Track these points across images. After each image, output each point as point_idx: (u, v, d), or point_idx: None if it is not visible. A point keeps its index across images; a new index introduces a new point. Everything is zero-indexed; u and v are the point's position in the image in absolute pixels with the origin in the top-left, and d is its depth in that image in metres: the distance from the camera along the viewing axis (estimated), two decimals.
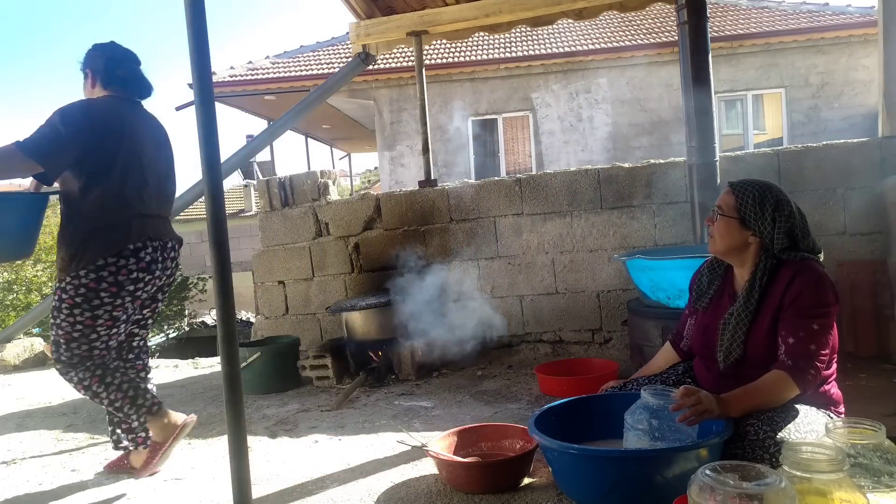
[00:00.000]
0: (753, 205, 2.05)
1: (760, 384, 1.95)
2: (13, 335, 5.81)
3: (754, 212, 2.05)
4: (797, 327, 1.94)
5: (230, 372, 1.82)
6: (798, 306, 1.95)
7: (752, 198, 2.05)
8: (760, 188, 2.07)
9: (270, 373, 4.15)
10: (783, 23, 10.63)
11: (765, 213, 2.04)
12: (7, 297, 8.75)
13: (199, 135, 1.82)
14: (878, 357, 3.63)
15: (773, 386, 1.92)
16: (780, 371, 1.93)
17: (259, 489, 2.44)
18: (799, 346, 1.92)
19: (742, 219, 2.06)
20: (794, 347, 1.93)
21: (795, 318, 1.95)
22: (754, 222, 2.05)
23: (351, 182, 21.04)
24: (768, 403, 1.93)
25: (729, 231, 2.08)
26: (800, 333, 1.93)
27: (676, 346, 2.45)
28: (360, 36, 5.25)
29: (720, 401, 1.90)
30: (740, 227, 2.07)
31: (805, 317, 1.94)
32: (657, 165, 4.36)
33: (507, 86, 10.88)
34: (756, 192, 2.06)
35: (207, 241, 1.87)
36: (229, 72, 11.67)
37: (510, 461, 2.34)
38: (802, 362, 1.91)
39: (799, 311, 1.95)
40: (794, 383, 1.89)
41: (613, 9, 4.93)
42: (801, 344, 1.92)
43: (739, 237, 2.07)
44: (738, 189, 2.09)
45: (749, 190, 2.07)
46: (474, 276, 4.68)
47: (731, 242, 2.09)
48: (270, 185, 5.04)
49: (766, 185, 2.10)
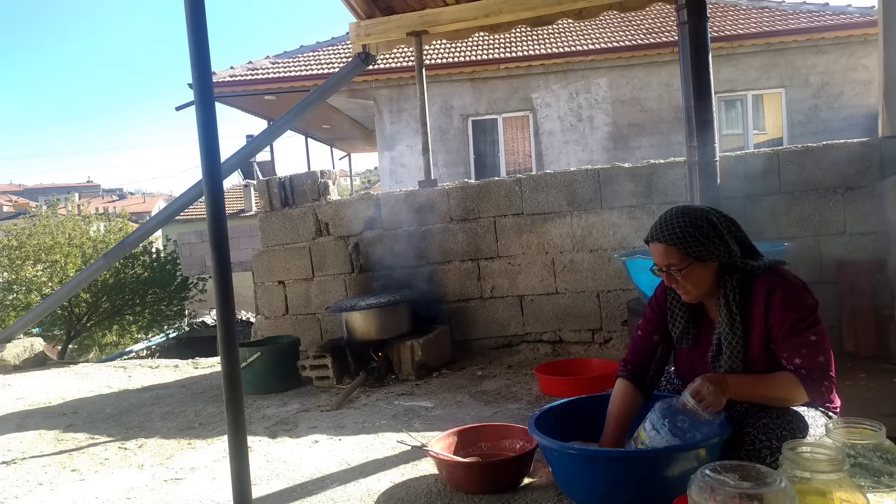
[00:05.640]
0: (694, 239, 1.94)
1: (771, 377, 1.92)
2: (13, 335, 5.80)
3: (700, 243, 1.94)
4: (797, 346, 1.90)
5: (230, 372, 1.82)
6: (788, 326, 1.90)
7: (687, 234, 1.94)
8: (685, 220, 1.97)
9: (270, 373, 4.15)
10: (783, 23, 10.61)
11: (708, 237, 1.95)
12: (7, 297, 8.75)
13: (199, 135, 1.82)
14: (878, 357, 3.63)
15: (783, 385, 1.89)
16: (792, 376, 1.89)
17: (259, 489, 2.45)
18: (808, 361, 1.88)
19: (696, 258, 1.95)
20: (805, 363, 1.89)
21: (791, 339, 1.90)
22: (707, 251, 1.95)
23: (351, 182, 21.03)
24: (771, 399, 1.91)
25: (697, 276, 1.98)
26: (803, 351, 1.89)
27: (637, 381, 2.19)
28: (360, 36, 5.24)
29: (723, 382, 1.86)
30: (702, 266, 1.97)
31: (799, 333, 1.89)
32: (657, 165, 4.36)
33: (507, 86, 10.87)
34: (687, 227, 1.95)
35: (207, 241, 1.87)
36: (229, 72, 11.66)
37: (510, 461, 2.34)
38: (817, 374, 1.87)
39: (791, 330, 1.90)
40: (804, 391, 1.86)
41: (613, 9, 4.93)
42: (810, 359, 1.88)
43: (708, 273, 1.99)
44: (670, 238, 1.96)
45: (678, 231, 1.95)
46: (474, 275, 4.68)
47: (707, 282, 2.00)
48: (270, 185, 5.04)
49: (684, 212, 2.00)
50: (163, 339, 10.64)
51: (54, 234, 9.33)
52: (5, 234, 9.78)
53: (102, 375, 5.17)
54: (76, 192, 46.50)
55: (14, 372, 5.41)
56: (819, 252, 4.04)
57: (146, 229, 5.91)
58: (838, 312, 3.85)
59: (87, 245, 9.57)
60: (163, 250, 10.21)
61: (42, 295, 8.31)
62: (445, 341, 4.50)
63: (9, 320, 8.06)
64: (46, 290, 8.49)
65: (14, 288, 8.80)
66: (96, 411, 4.00)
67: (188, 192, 5.33)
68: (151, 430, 3.48)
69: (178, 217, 8.95)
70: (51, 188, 51.67)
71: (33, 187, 58.75)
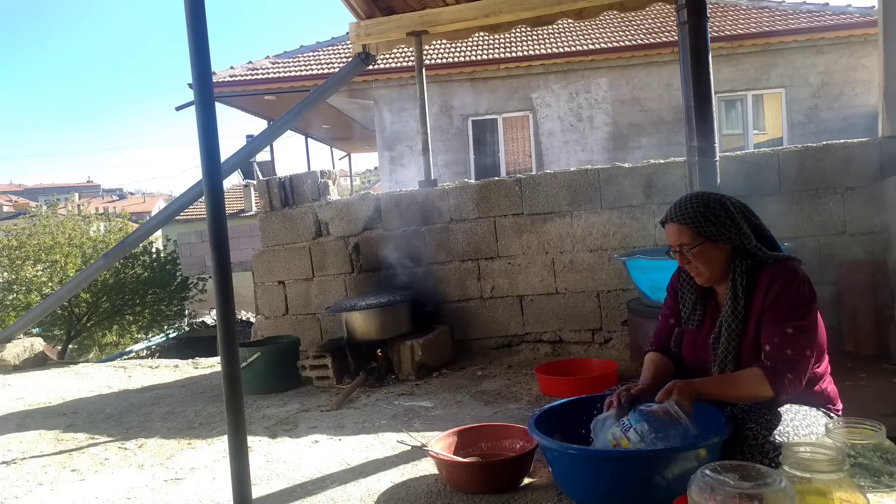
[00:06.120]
0: (705, 219, 2.00)
1: (736, 375, 1.97)
2: (13, 335, 5.80)
3: (711, 223, 2.00)
4: (771, 334, 1.93)
5: (230, 372, 1.82)
6: (774, 311, 1.94)
7: (699, 214, 2.01)
8: (697, 202, 2.03)
9: (270, 373, 4.15)
10: (783, 23, 10.62)
11: (720, 218, 2.00)
12: (7, 297, 8.76)
13: (199, 135, 1.82)
14: (878, 357, 3.63)
15: (745, 380, 1.92)
16: (756, 368, 1.92)
17: (259, 489, 2.45)
18: (775, 350, 1.91)
19: (708, 237, 2.01)
20: (772, 353, 1.91)
21: (772, 324, 1.94)
22: (718, 231, 2.00)
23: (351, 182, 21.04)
24: (739, 397, 1.94)
25: (709, 257, 2.03)
26: (774, 340, 1.92)
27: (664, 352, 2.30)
28: (360, 36, 5.24)
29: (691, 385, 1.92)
30: (714, 247, 2.02)
31: (781, 321, 1.92)
32: (657, 165, 4.36)
33: (507, 86, 10.87)
34: (699, 207, 2.02)
35: (207, 241, 1.87)
36: (229, 72, 11.66)
37: (510, 461, 2.34)
38: (780, 366, 1.89)
39: (775, 315, 1.93)
40: (767, 384, 1.87)
41: (613, 9, 4.93)
42: (778, 349, 1.91)
43: (720, 254, 2.03)
44: (682, 218, 2.03)
45: (691, 211, 2.02)
46: (474, 275, 4.68)
47: (719, 263, 2.05)
48: (270, 185, 5.04)
49: (698, 195, 2.07)
50: (163, 339, 10.64)
51: (54, 234, 9.34)
52: (5, 234, 9.78)
53: (102, 375, 5.17)
54: (76, 192, 46.51)
55: (14, 372, 5.41)
56: (819, 252, 4.04)
57: (146, 229, 5.91)
58: (838, 312, 3.85)
59: (87, 245, 9.57)
60: (163, 250, 10.21)
61: (42, 295, 8.32)
62: (445, 341, 4.50)
63: (9, 320, 8.06)
64: (46, 290, 8.49)
65: (14, 288, 8.80)
66: (96, 411, 4.00)
67: (188, 192, 5.33)
68: (151, 430, 3.48)
69: (178, 217, 8.95)
70: (51, 188, 51.68)
71: (33, 187, 58.77)
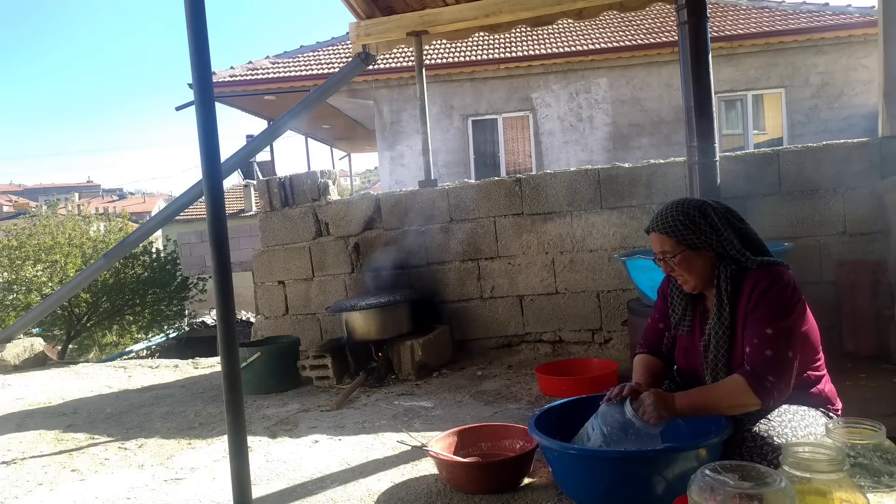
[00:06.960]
0: (685, 227, 1.99)
1: (717, 385, 1.93)
2: (13, 335, 5.80)
3: (691, 231, 1.99)
4: (753, 335, 1.90)
5: (230, 372, 1.82)
6: (755, 314, 1.91)
7: (679, 223, 2.00)
8: (677, 210, 2.02)
9: (270, 373, 4.15)
10: (783, 23, 10.62)
11: (699, 226, 1.99)
12: (7, 297, 8.75)
13: (199, 135, 1.82)
14: (878, 357, 3.63)
15: (726, 389, 1.88)
16: (737, 375, 1.88)
17: (259, 489, 2.45)
18: (754, 352, 1.87)
19: (689, 245, 1.99)
20: (751, 355, 1.88)
21: (752, 327, 1.90)
22: (699, 239, 1.99)
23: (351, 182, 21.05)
24: (719, 408, 1.89)
25: (692, 264, 2.01)
26: (754, 341, 1.88)
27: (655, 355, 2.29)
28: (360, 36, 5.24)
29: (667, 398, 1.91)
30: (696, 254, 2.00)
31: (761, 323, 1.88)
32: (657, 165, 4.36)
33: (507, 86, 10.87)
34: (679, 216, 2.01)
35: (207, 241, 1.87)
36: (229, 72, 11.66)
37: (510, 461, 2.34)
38: (759, 369, 1.84)
39: (756, 318, 1.90)
40: (751, 391, 1.82)
41: (613, 9, 4.93)
42: (757, 351, 1.87)
43: (704, 261, 2.02)
44: (662, 227, 2.03)
45: (671, 220, 2.01)
46: (474, 275, 4.68)
47: (703, 270, 2.03)
48: (270, 185, 5.04)
49: (679, 203, 2.06)
50: (163, 339, 10.64)
51: (54, 234, 9.33)
52: (5, 234, 9.78)
53: (102, 375, 5.17)
54: (76, 192, 46.50)
55: (14, 372, 5.41)
56: (819, 252, 4.04)
57: (146, 229, 5.91)
58: (838, 312, 3.85)
59: (87, 245, 9.57)
60: (163, 250, 10.21)
61: (42, 295, 8.31)
62: (445, 341, 4.50)
63: (9, 320, 8.06)
64: (46, 290, 8.49)
65: (14, 288, 8.79)
66: (96, 411, 4.00)
67: (188, 192, 5.33)
68: (151, 430, 3.48)
69: (178, 217, 8.95)
70: (51, 188, 51.69)
71: (33, 187, 58.77)
